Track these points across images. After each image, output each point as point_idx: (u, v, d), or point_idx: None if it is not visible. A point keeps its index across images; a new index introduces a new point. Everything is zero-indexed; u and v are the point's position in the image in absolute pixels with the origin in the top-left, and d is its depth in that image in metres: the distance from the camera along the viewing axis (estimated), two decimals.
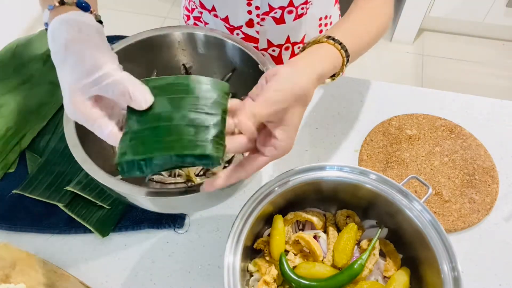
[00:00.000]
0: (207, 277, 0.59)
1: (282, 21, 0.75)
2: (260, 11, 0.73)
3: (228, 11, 0.75)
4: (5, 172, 0.68)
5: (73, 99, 0.40)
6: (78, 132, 0.53)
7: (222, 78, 0.68)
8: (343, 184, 0.53)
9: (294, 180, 0.52)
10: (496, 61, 2.05)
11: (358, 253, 0.54)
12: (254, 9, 0.72)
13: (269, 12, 0.73)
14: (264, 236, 0.56)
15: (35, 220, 0.63)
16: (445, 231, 0.48)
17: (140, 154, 0.39)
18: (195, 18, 0.83)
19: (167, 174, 0.61)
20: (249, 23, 0.75)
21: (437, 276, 0.47)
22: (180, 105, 0.42)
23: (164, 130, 0.40)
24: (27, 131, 0.72)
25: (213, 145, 0.39)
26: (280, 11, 0.73)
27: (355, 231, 0.54)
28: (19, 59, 0.81)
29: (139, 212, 0.63)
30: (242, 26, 0.76)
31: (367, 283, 0.51)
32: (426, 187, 0.54)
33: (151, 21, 2.27)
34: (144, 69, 0.66)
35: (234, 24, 0.76)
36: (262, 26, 0.75)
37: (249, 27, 0.76)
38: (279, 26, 0.76)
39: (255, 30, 0.76)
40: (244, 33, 0.77)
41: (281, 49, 0.81)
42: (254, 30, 0.76)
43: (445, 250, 0.47)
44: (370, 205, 0.55)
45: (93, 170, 0.50)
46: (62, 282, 0.56)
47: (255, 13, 0.73)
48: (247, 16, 0.74)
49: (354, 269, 0.50)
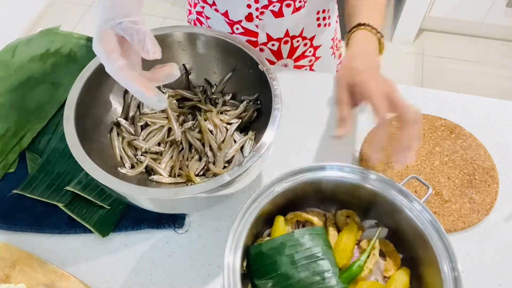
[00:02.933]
0: (207, 277, 0.59)
1: (281, 14, 0.76)
2: (259, 5, 0.73)
3: (227, 5, 0.75)
4: (5, 172, 0.68)
5: (102, 29, 0.45)
6: (78, 132, 0.53)
7: (222, 78, 0.68)
8: (343, 184, 0.53)
9: (294, 180, 0.52)
10: (496, 61, 2.05)
11: (358, 253, 0.54)
12: (253, 3, 0.73)
13: (268, 5, 0.73)
14: (264, 236, 0.56)
15: (35, 220, 0.63)
16: (445, 231, 0.48)
17: None
18: (197, 13, 0.83)
19: (167, 174, 0.61)
20: (249, 17, 0.76)
21: (437, 276, 0.47)
22: (299, 260, 0.49)
23: (298, 285, 0.47)
24: (27, 131, 0.72)
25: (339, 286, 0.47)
26: (279, 4, 0.74)
27: (355, 231, 0.54)
28: (19, 59, 0.81)
29: (139, 212, 0.63)
30: (241, 20, 0.76)
31: (367, 283, 0.51)
32: (426, 187, 0.54)
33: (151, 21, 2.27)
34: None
35: (234, 18, 0.77)
36: (261, 20, 0.76)
37: (249, 21, 0.76)
38: (278, 19, 0.76)
39: (255, 24, 0.77)
40: (243, 27, 0.78)
41: (280, 43, 0.81)
42: (253, 24, 0.77)
43: (445, 250, 0.47)
44: (370, 205, 0.55)
45: (93, 170, 0.50)
46: (62, 282, 0.56)
47: (254, 6, 0.74)
48: (246, 10, 0.74)
49: (352, 270, 0.50)
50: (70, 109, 0.54)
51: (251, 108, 0.65)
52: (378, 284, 0.51)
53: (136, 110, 0.65)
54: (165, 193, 0.50)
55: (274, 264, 0.48)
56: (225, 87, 0.68)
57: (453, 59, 2.06)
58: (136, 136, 0.63)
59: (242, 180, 0.55)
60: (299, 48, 0.84)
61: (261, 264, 0.49)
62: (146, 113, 0.65)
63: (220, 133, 0.63)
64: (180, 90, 0.68)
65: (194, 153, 0.63)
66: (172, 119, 0.64)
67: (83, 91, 0.57)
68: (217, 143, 0.63)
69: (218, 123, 0.64)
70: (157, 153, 0.63)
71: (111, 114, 0.64)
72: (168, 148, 0.63)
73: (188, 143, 0.63)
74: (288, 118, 0.73)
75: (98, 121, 0.61)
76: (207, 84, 0.69)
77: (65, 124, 0.53)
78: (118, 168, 0.59)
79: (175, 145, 0.63)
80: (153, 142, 0.63)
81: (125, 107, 0.66)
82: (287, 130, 0.70)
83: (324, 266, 0.48)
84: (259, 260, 0.49)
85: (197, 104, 0.67)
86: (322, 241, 0.50)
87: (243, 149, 0.63)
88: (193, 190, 0.48)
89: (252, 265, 0.50)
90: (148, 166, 0.62)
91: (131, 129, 0.64)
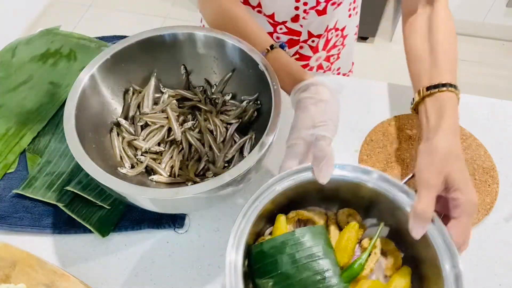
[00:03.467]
0: (207, 277, 0.59)
1: (324, 12, 0.76)
2: (308, 6, 0.73)
3: (275, 8, 0.75)
4: (5, 172, 0.68)
5: (299, 132, 0.51)
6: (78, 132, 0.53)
7: (222, 78, 0.68)
8: (344, 182, 0.53)
9: (295, 179, 0.52)
10: (496, 61, 2.05)
11: (359, 252, 0.54)
12: (302, 5, 0.73)
13: (315, 6, 0.74)
14: (266, 234, 0.56)
15: (35, 220, 0.63)
16: (446, 230, 0.48)
17: None
18: None
19: (167, 174, 0.61)
20: (295, 18, 0.76)
21: (438, 274, 0.47)
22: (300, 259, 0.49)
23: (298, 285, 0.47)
24: (27, 131, 0.72)
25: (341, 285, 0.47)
26: (325, 4, 0.74)
27: (357, 230, 0.54)
28: (19, 59, 0.81)
29: (139, 212, 0.63)
30: (287, 21, 0.77)
31: (368, 282, 0.51)
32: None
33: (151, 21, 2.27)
34: (144, 69, 0.66)
35: (279, 20, 0.77)
36: (306, 19, 0.76)
37: (294, 22, 0.77)
38: (321, 17, 0.77)
39: (300, 24, 0.77)
40: (288, 27, 0.78)
41: (319, 38, 0.82)
42: (298, 24, 0.77)
43: (447, 248, 0.47)
44: (371, 204, 0.55)
45: (93, 170, 0.50)
46: (62, 282, 0.56)
47: (302, 8, 0.74)
48: (293, 12, 0.75)
49: (354, 269, 0.50)
50: (70, 109, 0.55)
51: (251, 108, 0.65)
52: (379, 283, 0.51)
53: (136, 110, 0.65)
54: (164, 193, 0.50)
55: (275, 263, 0.48)
56: (225, 87, 0.68)
57: None
58: (136, 136, 0.63)
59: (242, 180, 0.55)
60: (332, 39, 0.85)
61: (262, 263, 0.49)
62: (146, 113, 0.65)
63: (220, 133, 0.64)
64: (180, 90, 0.68)
65: (194, 153, 0.63)
66: (172, 119, 0.64)
67: (83, 91, 0.57)
68: (217, 143, 0.63)
69: (218, 123, 0.64)
70: (157, 153, 0.63)
71: (111, 114, 0.64)
72: (168, 148, 0.64)
73: (188, 143, 0.63)
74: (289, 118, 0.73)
75: (98, 121, 0.61)
76: (207, 84, 0.69)
77: (65, 124, 0.53)
78: (118, 168, 0.59)
79: (175, 145, 0.63)
80: (153, 142, 0.63)
81: (125, 107, 0.66)
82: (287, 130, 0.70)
83: (325, 266, 0.48)
84: (260, 259, 0.49)
85: (197, 104, 0.67)
86: (323, 240, 0.50)
87: (243, 149, 0.63)
88: (192, 190, 0.48)
89: (253, 264, 0.50)
90: (148, 166, 0.62)
91: (131, 129, 0.64)
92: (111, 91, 0.63)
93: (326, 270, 0.48)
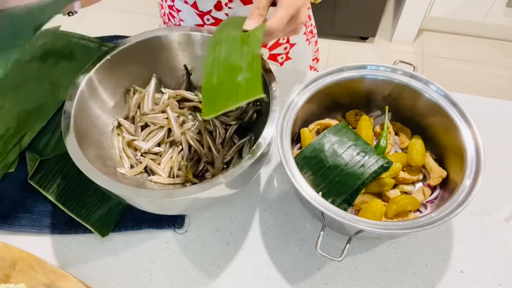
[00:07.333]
0: (207, 277, 0.59)
1: (249, 1, 0.74)
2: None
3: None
4: (5, 172, 0.68)
5: None
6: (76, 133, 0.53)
7: None
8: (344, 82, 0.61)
9: (310, 90, 0.60)
10: (496, 61, 2.05)
11: (375, 141, 0.64)
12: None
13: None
14: (295, 151, 0.63)
15: (35, 220, 0.63)
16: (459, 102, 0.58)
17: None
18: (169, 6, 0.82)
19: (166, 174, 0.61)
20: (218, 6, 0.74)
21: (454, 137, 0.57)
22: (339, 150, 0.57)
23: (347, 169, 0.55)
24: (27, 131, 0.72)
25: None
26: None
27: (369, 120, 0.64)
28: (19, 59, 0.81)
29: (139, 212, 0.63)
30: (211, 10, 0.75)
31: (393, 156, 0.61)
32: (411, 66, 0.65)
33: (150, 21, 2.27)
34: (145, 70, 0.66)
35: (203, 9, 0.75)
36: (231, 8, 0.74)
37: (218, 10, 0.75)
38: (248, 6, 0.74)
39: (224, 13, 0.75)
40: (214, 17, 0.76)
41: None
42: (223, 13, 0.75)
43: (461, 115, 0.58)
44: (370, 96, 0.64)
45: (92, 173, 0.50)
46: (62, 282, 0.56)
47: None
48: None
49: (381, 147, 0.61)
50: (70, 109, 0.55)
51: (250, 109, 0.65)
52: (401, 154, 0.62)
53: (136, 110, 0.66)
54: (161, 194, 0.49)
55: (321, 162, 0.56)
56: None
57: (453, 59, 2.06)
58: (136, 136, 0.63)
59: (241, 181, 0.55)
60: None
61: (309, 167, 0.56)
62: (146, 113, 0.65)
63: (219, 134, 0.64)
64: (180, 91, 0.68)
65: (193, 154, 0.63)
66: (172, 119, 0.64)
67: (83, 91, 0.57)
68: (216, 144, 0.63)
69: (217, 124, 0.64)
70: (156, 154, 0.63)
71: (111, 114, 0.64)
72: (167, 148, 0.64)
73: (188, 144, 0.63)
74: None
75: (97, 121, 0.61)
76: None
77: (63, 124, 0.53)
78: (117, 168, 0.59)
79: (174, 146, 0.63)
80: (152, 142, 0.63)
81: (125, 107, 0.66)
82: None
83: (360, 147, 0.56)
84: (306, 165, 0.56)
85: (198, 105, 0.67)
86: (349, 131, 0.59)
87: (242, 150, 0.63)
88: (190, 191, 0.48)
89: (300, 170, 0.54)
90: (147, 167, 0.62)
91: (131, 129, 0.64)
92: (111, 91, 0.63)
93: (363, 150, 0.56)
